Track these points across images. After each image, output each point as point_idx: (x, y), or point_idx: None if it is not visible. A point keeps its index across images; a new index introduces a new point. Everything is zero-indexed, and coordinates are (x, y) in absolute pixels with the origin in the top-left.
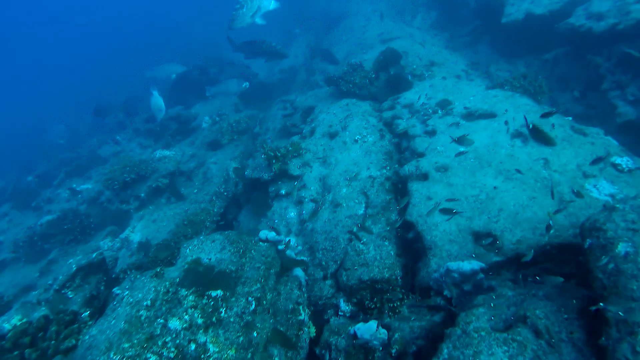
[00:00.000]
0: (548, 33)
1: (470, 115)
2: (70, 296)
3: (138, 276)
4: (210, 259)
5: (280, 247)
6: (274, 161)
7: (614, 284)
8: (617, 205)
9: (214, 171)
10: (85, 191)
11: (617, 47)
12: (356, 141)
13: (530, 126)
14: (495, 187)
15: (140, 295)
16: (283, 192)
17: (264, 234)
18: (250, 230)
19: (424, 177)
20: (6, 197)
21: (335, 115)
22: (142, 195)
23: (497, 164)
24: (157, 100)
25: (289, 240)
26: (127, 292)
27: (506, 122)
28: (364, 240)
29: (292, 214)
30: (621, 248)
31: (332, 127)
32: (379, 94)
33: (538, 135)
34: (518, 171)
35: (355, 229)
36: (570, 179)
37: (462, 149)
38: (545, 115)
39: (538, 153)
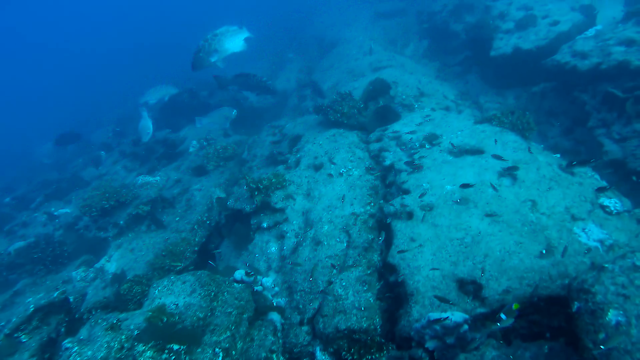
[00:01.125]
0: (536, 67)
1: (458, 151)
2: (24, 340)
3: (99, 321)
4: (177, 304)
5: (257, 288)
6: (256, 193)
7: (606, 359)
8: (606, 265)
9: (198, 198)
10: (63, 216)
11: (601, 86)
12: (341, 174)
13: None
14: (479, 232)
15: (89, 352)
16: (265, 226)
17: (239, 274)
18: (227, 268)
19: (409, 215)
20: None
21: (321, 146)
22: (121, 222)
23: (484, 205)
24: (146, 122)
25: (266, 281)
26: (76, 347)
27: (506, 169)
28: (344, 283)
29: (273, 248)
30: (612, 316)
31: (317, 158)
32: (368, 124)
33: None
34: (492, 214)
35: (334, 271)
36: (558, 222)
37: (448, 187)
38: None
39: (526, 194)
